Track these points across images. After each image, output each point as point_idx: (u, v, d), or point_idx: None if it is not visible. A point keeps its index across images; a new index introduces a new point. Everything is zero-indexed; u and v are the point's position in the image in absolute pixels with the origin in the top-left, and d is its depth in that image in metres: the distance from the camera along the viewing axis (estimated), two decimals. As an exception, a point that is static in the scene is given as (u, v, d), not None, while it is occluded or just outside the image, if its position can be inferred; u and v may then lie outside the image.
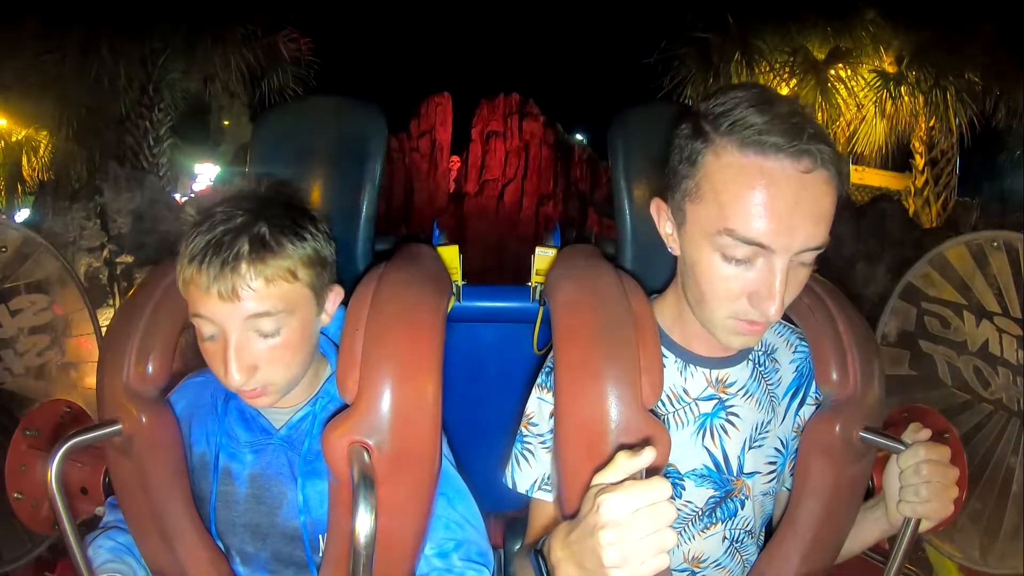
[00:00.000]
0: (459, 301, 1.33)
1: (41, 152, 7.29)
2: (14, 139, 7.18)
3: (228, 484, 0.96)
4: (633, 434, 0.83)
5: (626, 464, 0.71)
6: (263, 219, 0.84)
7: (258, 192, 0.90)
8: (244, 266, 0.81)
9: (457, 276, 1.29)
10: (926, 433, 0.89)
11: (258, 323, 0.84)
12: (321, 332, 0.97)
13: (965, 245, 1.27)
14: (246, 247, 0.82)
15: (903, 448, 0.88)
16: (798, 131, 0.75)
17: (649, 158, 1.09)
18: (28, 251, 1.36)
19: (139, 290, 1.01)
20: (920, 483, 0.86)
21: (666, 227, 0.89)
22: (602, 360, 0.85)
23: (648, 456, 0.70)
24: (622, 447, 0.76)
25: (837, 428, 0.92)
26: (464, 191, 11.16)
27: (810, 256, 0.79)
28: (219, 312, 0.83)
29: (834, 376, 0.95)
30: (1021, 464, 1.20)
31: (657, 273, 1.05)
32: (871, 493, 1.00)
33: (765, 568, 0.96)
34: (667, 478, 0.93)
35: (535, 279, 1.32)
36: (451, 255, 1.26)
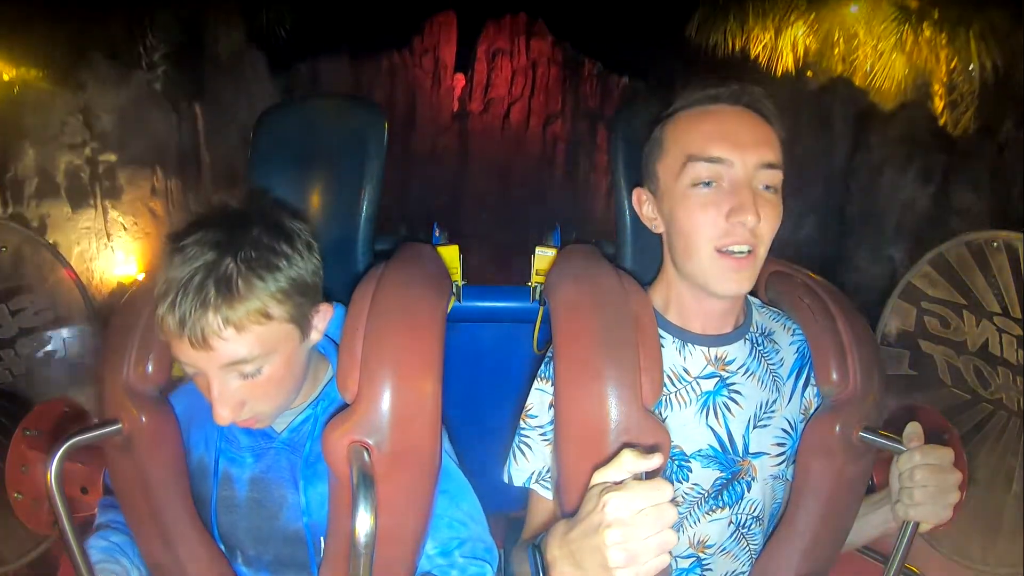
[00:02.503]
0: (459, 301, 1.33)
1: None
2: (5, 78, 6.83)
3: (228, 489, 0.96)
4: (633, 434, 0.83)
5: (630, 463, 0.71)
6: (230, 254, 0.80)
7: (229, 215, 0.85)
8: (211, 315, 0.78)
9: (457, 276, 1.29)
10: (918, 441, 0.89)
11: (236, 368, 0.82)
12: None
13: (965, 245, 1.27)
14: (212, 293, 0.78)
15: (902, 449, 0.88)
16: (728, 84, 0.93)
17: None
18: (28, 251, 1.36)
19: (139, 289, 1.01)
20: (915, 487, 0.86)
21: (646, 209, 0.98)
22: (602, 360, 0.85)
23: (656, 461, 0.71)
24: (624, 446, 0.76)
25: (837, 428, 0.92)
26: (468, 109, 10.89)
27: (770, 176, 0.89)
28: (195, 359, 0.81)
29: (834, 376, 0.95)
30: (1021, 464, 1.20)
31: (655, 274, 1.05)
32: (872, 489, 1.00)
33: (766, 567, 0.96)
34: (673, 460, 0.94)
35: (535, 279, 1.32)
36: (451, 255, 1.26)
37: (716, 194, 0.88)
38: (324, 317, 0.91)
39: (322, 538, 0.91)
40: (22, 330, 1.38)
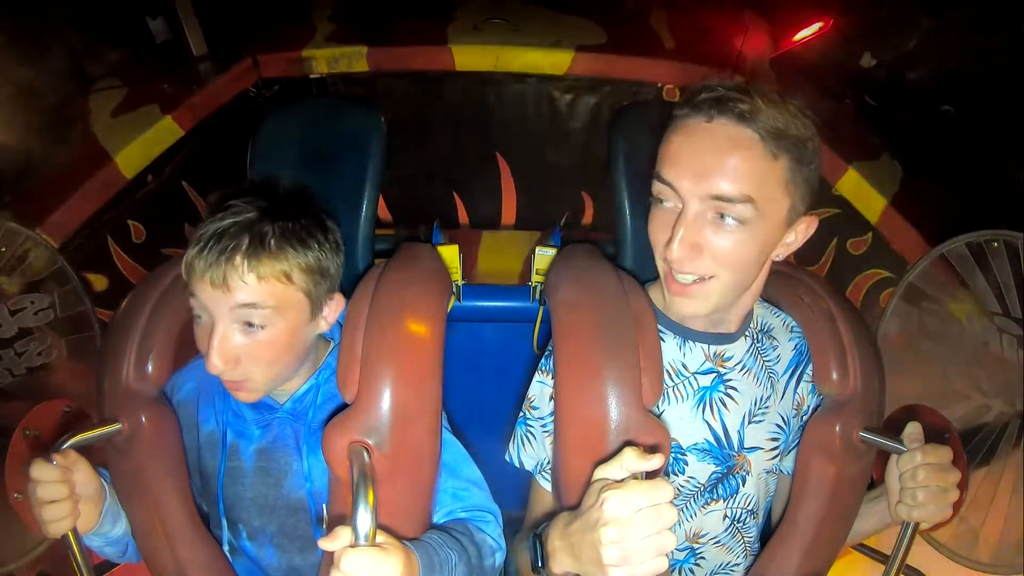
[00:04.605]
0: (459, 301, 1.33)
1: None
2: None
3: (235, 460, 0.98)
4: (633, 433, 0.83)
5: (631, 462, 0.71)
6: (270, 220, 0.86)
7: (277, 192, 0.92)
8: (239, 258, 0.83)
9: (457, 276, 1.29)
10: (919, 441, 0.89)
11: (245, 314, 0.85)
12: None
13: (965, 245, 1.27)
14: (245, 242, 0.83)
15: (903, 449, 0.89)
16: (712, 88, 0.82)
17: (649, 158, 1.09)
18: (28, 251, 1.36)
19: (138, 290, 1.01)
20: (916, 487, 0.87)
21: None
22: (602, 360, 0.85)
23: (655, 463, 0.71)
24: (625, 444, 0.76)
25: (837, 428, 0.92)
26: None
27: (728, 208, 0.80)
28: (209, 298, 0.84)
29: (834, 376, 0.95)
30: (1021, 464, 1.19)
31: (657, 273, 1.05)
32: (872, 484, 1.01)
33: (765, 567, 0.96)
34: (667, 478, 0.94)
35: (535, 279, 1.32)
36: (451, 255, 1.26)
37: (665, 216, 0.85)
38: (335, 308, 0.94)
39: (324, 505, 0.91)
40: (22, 330, 1.38)
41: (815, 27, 1.99)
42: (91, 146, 1.69)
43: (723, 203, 0.80)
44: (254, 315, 0.85)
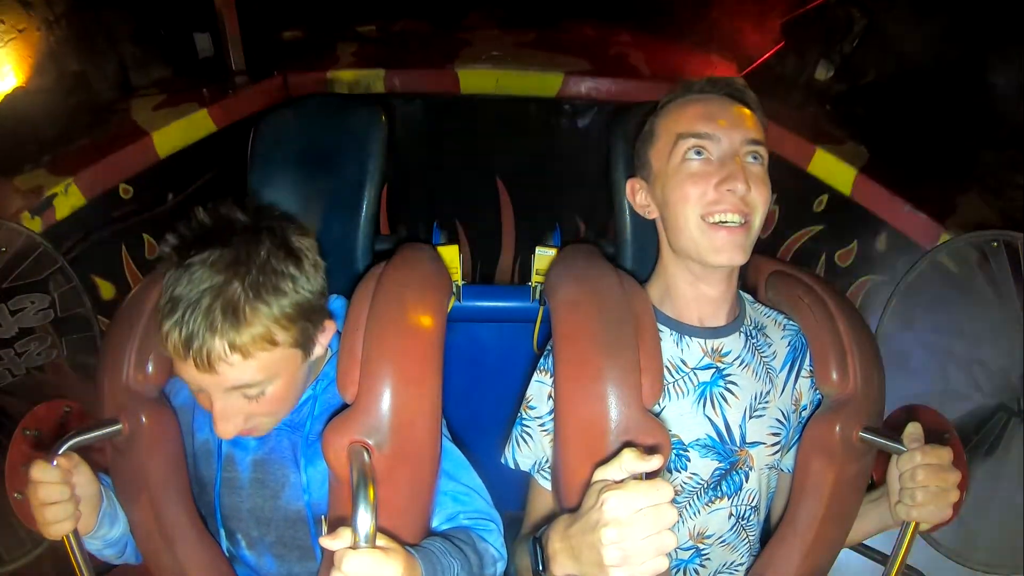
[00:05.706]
0: (459, 301, 1.33)
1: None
2: None
3: (231, 471, 0.97)
4: (633, 433, 0.83)
5: (630, 463, 0.71)
6: (238, 278, 0.79)
7: (238, 233, 0.83)
8: (217, 340, 0.78)
9: (457, 276, 1.29)
10: (919, 441, 0.89)
11: (240, 391, 0.83)
12: None
13: (965, 245, 1.27)
14: (218, 318, 0.78)
15: (903, 449, 0.89)
16: (716, 78, 1.01)
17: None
18: (28, 251, 1.36)
19: (139, 290, 1.01)
20: (916, 488, 0.87)
21: (640, 198, 1.01)
22: (602, 360, 0.85)
23: (655, 464, 0.71)
24: (625, 445, 0.76)
25: (837, 428, 0.92)
26: None
27: (757, 149, 0.93)
28: (199, 380, 0.81)
29: (834, 376, 0.95)
30: (1021, 464, 1.20)
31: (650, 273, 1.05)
32: (872, 486, 1.01)
33: (765, 568, 0.96)
34: (668, 475, 0.94)
35: (535, 279, 1.33)
36: (451, 255, 1.26)
37: (705, 165, 0.92)
38: (328, 334, 0.91)
39: (323, 517, 0.91)
40: (22, 330, 1.38)
41: (775, 48, 2.16)
42: (131, 127, 1.81)
43: (756, 145, 0.94)
44: (249, 391, 0.83)
